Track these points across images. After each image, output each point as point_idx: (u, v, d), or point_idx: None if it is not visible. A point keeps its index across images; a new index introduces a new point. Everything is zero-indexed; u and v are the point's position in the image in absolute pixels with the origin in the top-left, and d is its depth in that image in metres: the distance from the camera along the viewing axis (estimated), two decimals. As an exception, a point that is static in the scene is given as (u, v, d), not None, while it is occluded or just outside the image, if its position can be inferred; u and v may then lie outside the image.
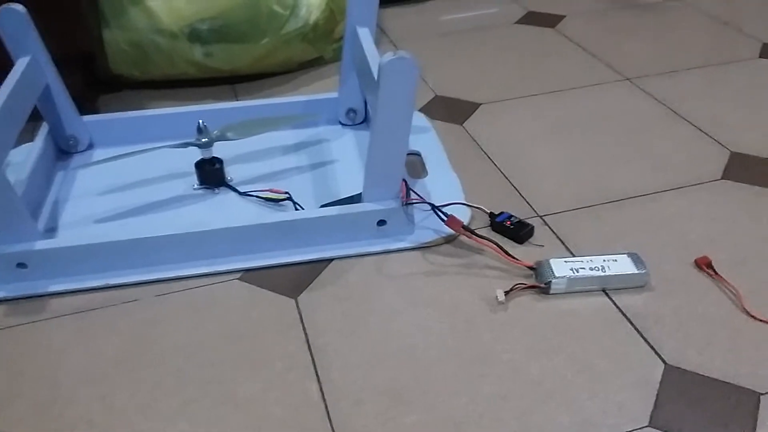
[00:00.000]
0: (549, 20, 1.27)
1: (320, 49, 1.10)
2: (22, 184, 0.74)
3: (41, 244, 0.67)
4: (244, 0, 1.00)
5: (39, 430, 0.55)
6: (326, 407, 0.55)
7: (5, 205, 0.64)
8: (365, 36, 0.80)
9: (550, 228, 0.74)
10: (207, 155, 0.80)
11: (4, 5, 0.75)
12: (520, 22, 1.27)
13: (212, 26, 1.00)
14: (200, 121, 0.78)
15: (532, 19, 1.28)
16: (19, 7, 0.76)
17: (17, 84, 0.72)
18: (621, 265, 0.65)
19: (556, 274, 0.65)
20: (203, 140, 0.78)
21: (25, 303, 0.67)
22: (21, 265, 0.67)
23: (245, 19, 1.00)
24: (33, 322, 0.65)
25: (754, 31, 1.19)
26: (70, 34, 0.94)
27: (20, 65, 0.76)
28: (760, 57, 1.11)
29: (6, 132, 0.68)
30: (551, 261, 0.66)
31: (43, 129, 0.85)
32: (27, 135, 0.82)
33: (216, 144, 0.80)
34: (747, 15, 1.26)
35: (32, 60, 0.78)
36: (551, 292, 0.65)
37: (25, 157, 0.80)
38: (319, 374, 0.58)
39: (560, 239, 0.73)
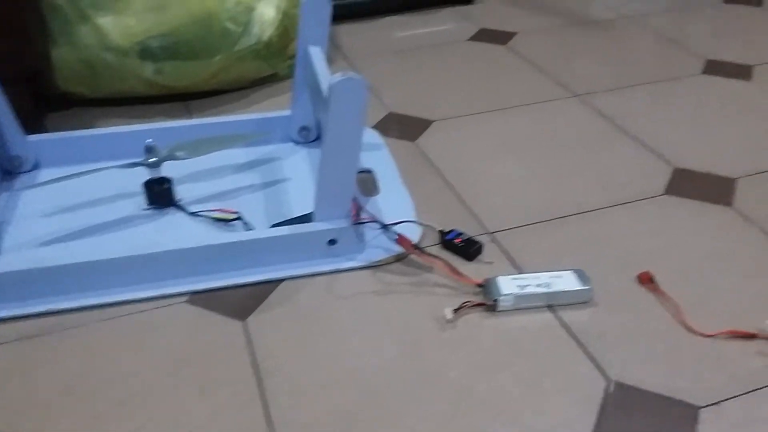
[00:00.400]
0: (501, 37, 1.29)
1: (274, 66, 1.10)
2: (-38, 206, 0.72)
3: (-18, 269, 0.65)
4: (197, 17, 0.99)
5: (-24, 463, 0.53)
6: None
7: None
8: (317, 54, 0.80)
9: (499, 245, 0.75)
10: (156, 175, 0.79)
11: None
12: (472, 39, 1.29)
13: (163, 43, 0.99)
14: (149, 140, 0.77)
15: (484, 36, 1.30)
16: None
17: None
18: (566, 282, 0.67)
19: (503, 292, 0.66)
20: (152, 160, 0.77)
21: (-36, 330, 0.65)
22: (-40, 291, 0.65)
23: (197, 36, 0.99)
24: (-29, 350, 0.63)
25: (699, 48, 1.23)
26: (16, 52, 0.92)
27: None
28: (703, 73, 1.14)
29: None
30: (498, 278, 0.67)
31: (-12, 149, 0.83)
32: (-31, 156, 0.80)
33: (166, 163, 0.79)
34: (693, 32, 1.30)
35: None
36: (498, 309, 0.66)
37: (-33, 178, 0.78)
38: (267, 399, 0.58)
39: (509, 256, 0.74)
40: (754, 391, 0.58)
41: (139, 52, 0.99)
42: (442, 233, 0.75)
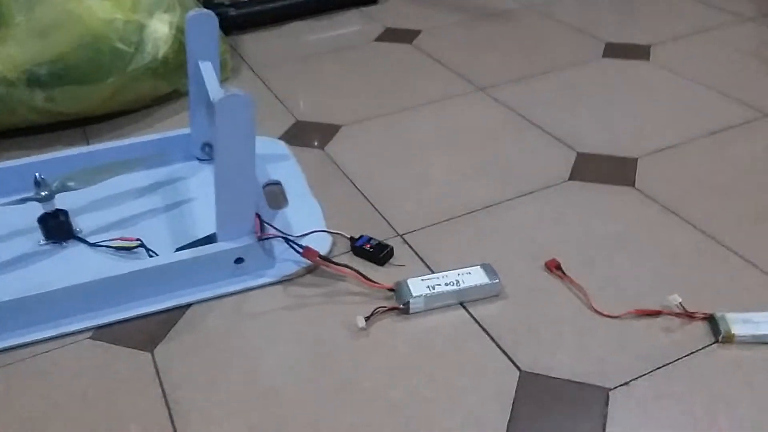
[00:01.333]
0: (406, 36, 1.29)
1: (173, 83, 1.07)
2: None
3: None
4: (84, 40, 0.95)
5: None
6: (184, 465, 0.53)
7: None
8: (207, 69, 0.78)
9: (410, 246, 0.75)
10: (50, 209, 0.76)
11: None
12: (378, 39, 1.29)
13: (51, 70, 0.95)
14: (37, 173, 0.74)
15: (389, 36, 1.30)
16: None
17: None
18: (475, 277, 0.67)
19: (414, 294, 0.65)
20: (42, 194, 0.74)
21: None
22: None
23: (86, 60, 0.96)
24: None
25: (600, 33, 1.26)
26: None
27: None
28: (603, 57, 1.17)
29: None
30: (409, 281, 0.67)
31: None
32: None
33: (59, 195, 0.75)
34: (594, 18, 1.33)
35: None
36: (411, 311, 0.66)
37: None
38: (177, 429, 0.56)
39: (420, 257, 0.73)
40: (662, 367, 0.59)
41: (27, 81, 0.94)
42: (352, 240, 0.74)
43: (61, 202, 0.76)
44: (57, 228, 0.76)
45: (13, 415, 0.58)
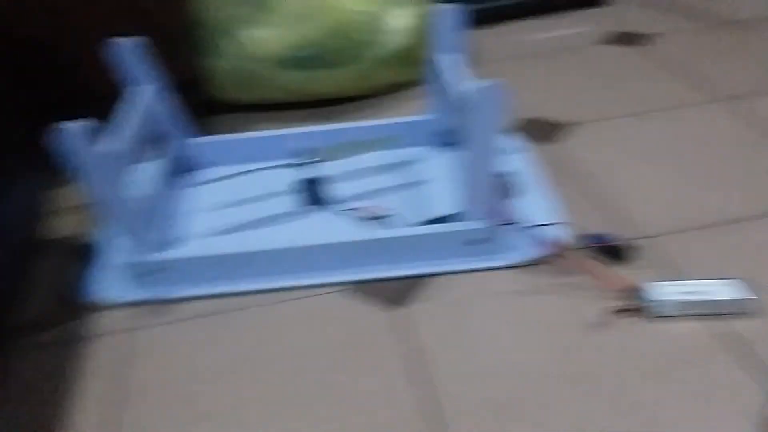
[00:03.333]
0: (636, 40, 1.27)
1: (411, 73, 1.14)
2: (147, 198, 0.80)
3: (170, 254, 0.73)
4: (334, 28, 1.05)
5: (172, 421, 0.60)
6: (440, 415, 0.58)
7: (142, 219, 0.70)
8: (451, 60, 0.83)
9: (652, 249, 0.75)
10: (311, 175, 0.85)
11: (123, 38, 0.82)
12: (607, 42, 1.28)
13: (305, 54, 1.05)
14: (305, 143, 0.83)
15: (619, 38, 1.29)
16: (135, 40, 0.83)
17: (137, 109, 0.79)
18: (729, 291, 0.66)
19: (658, 298, 0.66)
20: (308, 161, 0.83)
21: (158, 306, 0.73)
22: (153, 271, 0.73)
23: (338, 46, 1.05)
24: (166, 323, 0.71)
25: None
26: (180, 62, 1.00)
27: (138, 92, 0.83)
28: None
29: (130, 151, 0.75)
30: (653, 284, 0.67)
31: (163, 149, 0.92)
32: (149, 155, 0.89)
33: (319, 164, 0.84)
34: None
35: (148, 87, 0.84)
36: (652, 315, 0.66)
37: (149, 174, 0.86)
38: (424, 381, 0.62)
39: (663, 262, 0.73)
40: None
41: (285, 62, 1.05)
42: (591, 236, 0.76)
43: (319, 170, 0.85)
44: (315, 193, 0.85)
45: (285, 346, 0.67)
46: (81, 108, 0.85)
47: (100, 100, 0.91)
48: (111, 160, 0.67)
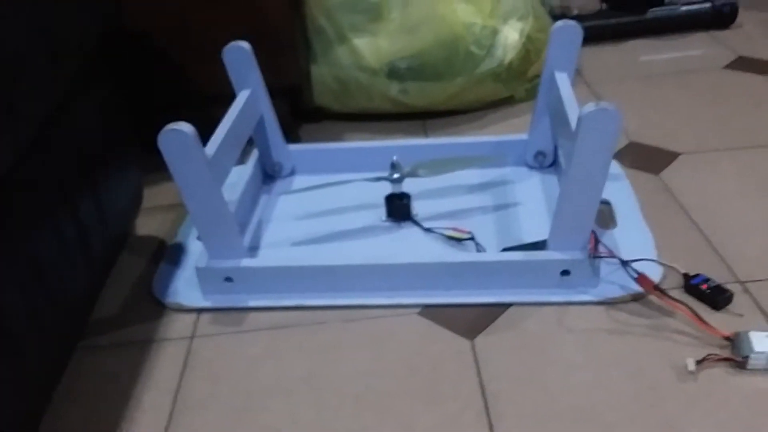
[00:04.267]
0: (761, 67, 1.17)
1: (512, 89, 1.11)
2: (233, 204, 0.82)
3: (246, 262, 0.74)
4: (443, 40, 1.03)
5: (232, 434, 0.60)
6: (497, 456, 0.55)
7: (221, 223, 0.72)
8: (563, 81, 0.79)
9: (751, 296, 0.68)
10: (397, 190, 0.84)
11: (232, 42, 0.84)
12: (728, 67, 1.19)
13: (410, 65, 1.04)
14: (394, 157, 0.82)
15: (742, 64, 1.19)
16: (245, 45, 0.85)
17: (239, 114, 0.81)
18: (837, 349, 0.59)
19: (756, 349, 0.59)
20: (395, 176, 0.82)
21: (228, 314, 0.74)
22: (228, 279, 0.74)
23: (442, 58, 1.03)
24: (233, 332, 0.71)
25: None
26: (284, 68, 1.02)
27: (242, 97, 0.85)
28: None
29: (229, 156, 0.76)
30: (751, 333, 0.61)
31: (254, 154, 0.94)
32: (239, 158, 0.91)
33: (406, 179, 0.83)
34: None
35: (252, 92, 0.86)
36: (748, 367, 0.60)
37: (237, 178, 0.88)
38: (492, 421, 0.58)
39: (763, 310, 0.67)
40: None
41: (388, 72, 1.05)
42: (687, 276, 0.70)
43: (406, 185, 0.84)
44: (399, 208, 0.84)
45: (349, 364, 0.66)
46: (187, 109, 0.88)
47: (207, 101, 0.95)
48: (211, 163, 0.68)
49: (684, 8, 1.34)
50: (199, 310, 0.74)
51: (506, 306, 0.71)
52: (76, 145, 0.70)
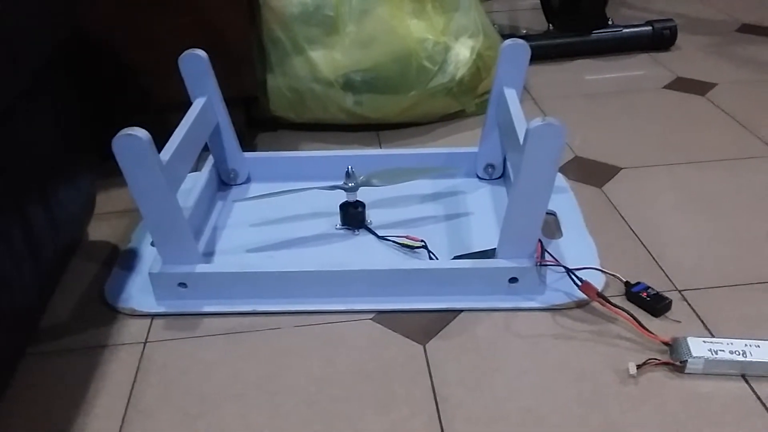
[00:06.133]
0: (699, 87, 1.24)
1: (463, 104, 1.14)
2: (188, 210, 0.82)
3: (201, 268, 0.74)
4: (397, 55, 1.06)
5: (185, 439, 0.60)
6: (447, 457, 0.57)
7: (176, 229, 0.72)
8: (512, 97, 0.82)
9: (688, 304, 0.72)
10: (351, 198, 0.85)
11: (188, 50, 0.85)
12: (668, 87, 1.25)
13: (365, 77, 1.06)
14: (349, 166, 0.83)
15: (680, 85, 1.25)
16: (201, 53, 0.85)
17: (194, 121, 0.81)
18: (766, 352, 0.62)
19: (694, 354, 0.63)
20: (350, 185, 0.83)
21: (182, 319, 0.73)
22: (182, 284, 0.74)
23: (396, 72, 1.06)
24: (187, 338, 0.71)
25: None
26: (240, 78, 1.03)
27: (198, 104, 0.85)
28: None
29: (184, 162, 0.76)
30: (689, 339, 0.64)
31: (209, 161, 0.94)
32: (194, 165, 0.91)
33: (361, 188, 0.84)
34: None
35: (208, 100, 0.87)
36: (686, 371, 0.63)
37: (192, 185, 0.88)
38: (443, 425, 0.60)
39: (699, 317, 0.70)
40: None
41: (343, 84, 1.07)
42: (628, 285, 0.73)
43: (360, 194, 0.85)
44: (354, 216, 0.85)
45: (300, 372, 0.66)
46: (140, 116, 0.88)
47: (161, 109, 0.94)
48: (165, 169, 0.68)
49: (626, 30, 1.40)
50: (153, 316, 0.74)
51: (457, 312, 0.73)
52: (26, 150, 0.69)
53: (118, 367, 0.68)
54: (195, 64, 0.85)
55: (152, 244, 0.82)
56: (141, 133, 0.65)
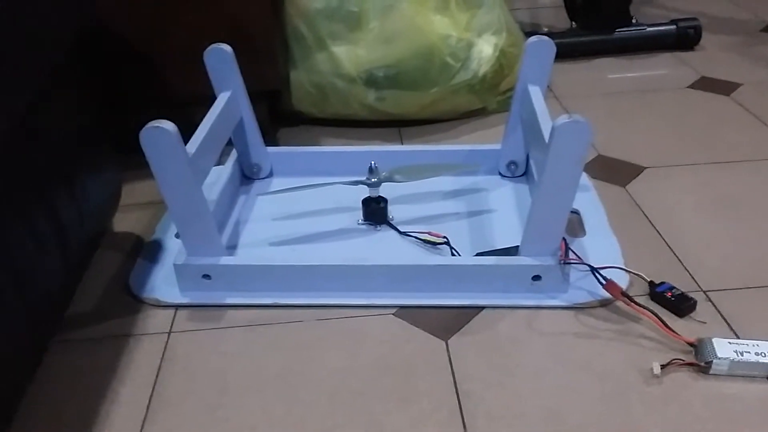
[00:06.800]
0: (724, 87, 1.22)
1: (485, 101, 1.14)
2: (212, 203, 0.83)
3: (225, 260, 0.75)
4: (420, 51, 1.06)
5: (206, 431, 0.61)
6: (470, 452, 0.57)
7: (201, 221, 0.72)
8: (536, 94, 0.82)
9: (713, 305, 0.72)
10: (374, 194, 0.85)
11: (214, 45, 0.85)
12: (692, 86, 1.24)
13: (387, 73, 1.06)
14: (372, 162, 0.83)
15: (705, 84, 1.24)
16: (226, 47, 0.85)
17: (219, 115, 0.81)
18: (793, 355, 0.62)
19: (719, 355, 0.62)
20: (373, 180, 0.83)
21: (205, 310, 0.74)
22: (206, 276, 0.74)
23: (418, 68, 1.06)
24: (210, 329, 0.72)
25: None
26: (263, 72, 1.03)
27: (222, 98, 0.85)
28: None
29: (209, 155, 0.77)
30: (714, 340, 0.64)
31: (232, 155, 0.95)
32: (218, 159, 0.91)
33: (383, 184, 0.85)
34: None
35: (232, 94, 0.87)
36: (711, 372, 0.63)
37: (216, 178, 0.89)
38: (464, 420, 0.60)
39: (724, 318, 0.70)
40: None
41: (365, 80, 1.07)
42: (653, 284, 0.73)
43: (382, 190, 0.85)
44: (376, 212, 0.85)
45: (322, 363, 0.67)
46: (165, 109, 0.89)
47: (183, 103, 0.95)
48: (191, 161, 0.69)
49: (650, 29, 1.39)
50: (177, 307, 0.75)
51: (479, 309, 0.73)
52: (52, 142, 0.70)
53: (142, 357, 0.68)
54: (220, 58, 0.85)
55: (176, 236, 0.83)
56: (168, 125, 0.66)
